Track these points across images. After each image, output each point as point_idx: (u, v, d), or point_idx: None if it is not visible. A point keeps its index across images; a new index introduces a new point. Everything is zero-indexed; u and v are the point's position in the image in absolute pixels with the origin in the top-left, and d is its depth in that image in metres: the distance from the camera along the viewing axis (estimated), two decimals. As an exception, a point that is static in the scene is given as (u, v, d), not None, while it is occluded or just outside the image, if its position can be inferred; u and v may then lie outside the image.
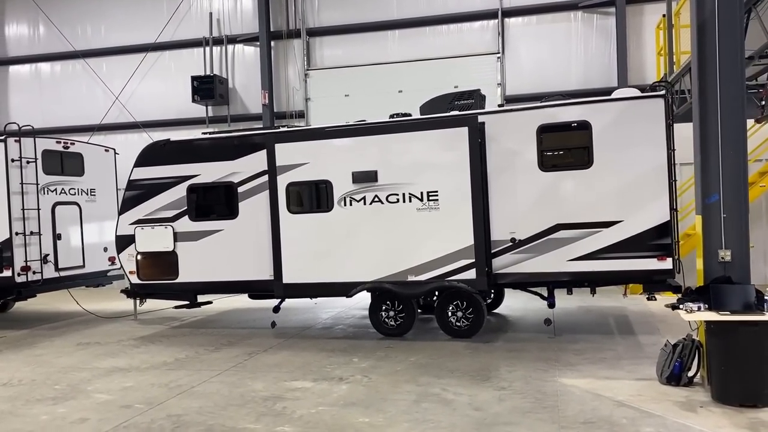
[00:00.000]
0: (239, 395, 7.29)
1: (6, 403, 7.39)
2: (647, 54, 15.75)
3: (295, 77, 18.02)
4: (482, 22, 16.86)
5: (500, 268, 9.57)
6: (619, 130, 9.04)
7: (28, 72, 20.38)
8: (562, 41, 16.38)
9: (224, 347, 9.97)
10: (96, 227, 13.65)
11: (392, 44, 17.41)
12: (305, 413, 6.58)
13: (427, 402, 6.78)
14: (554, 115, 9.37)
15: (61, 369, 8.95)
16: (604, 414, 6.16)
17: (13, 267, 11.90)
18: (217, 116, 18.57)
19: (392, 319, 10.13)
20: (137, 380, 8.15)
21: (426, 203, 9.50)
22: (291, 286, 10.21)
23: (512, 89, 16.47)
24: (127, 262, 11.49)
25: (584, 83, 16.02)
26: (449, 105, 10.43)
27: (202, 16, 18.65)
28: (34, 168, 12.25)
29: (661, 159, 8.89)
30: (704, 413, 6.08)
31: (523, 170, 9.44)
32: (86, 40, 19.64)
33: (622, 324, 10.53)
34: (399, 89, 16.48)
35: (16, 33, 20.41)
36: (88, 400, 7.38)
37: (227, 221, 10.87)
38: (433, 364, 8.36)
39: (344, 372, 8.14)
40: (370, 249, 9.77)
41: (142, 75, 19.01)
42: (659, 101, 8.91)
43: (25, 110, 19.96)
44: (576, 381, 7.31)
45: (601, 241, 9.14)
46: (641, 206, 8.97)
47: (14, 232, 11.90)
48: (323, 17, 17.90)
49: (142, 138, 17.79)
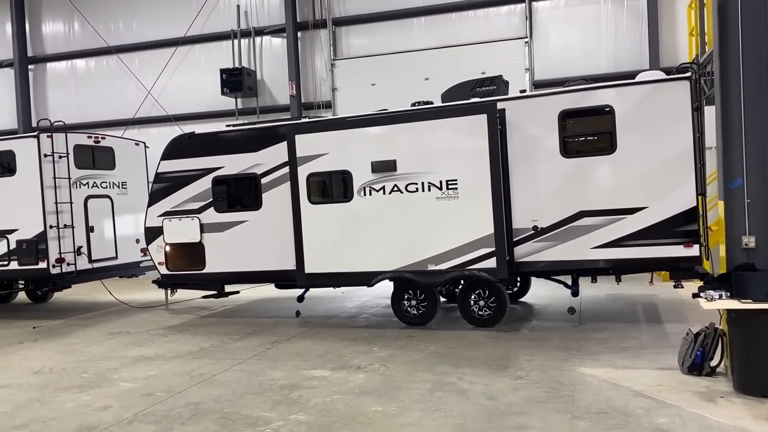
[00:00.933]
0: (258, 384, 7.40)
1: (36, 390, 7.66)
2: (680, 35, 15.27)
3: (322, 67, 18.06)
4: (509, 6, 16.60)
5: (522, 257, 9.46)
6: (643, 114, 8.81)
7: (64, 68, 20.90)
8: (592, 24, 16.02)
9: (249, 336, 10.12)
10: (128, 219, 13.97)
11: (418, 32, 17.29)
12: (320, 401, 6.64)
13: (442, 391, 6.77)
14: (576, 100, 9.19)
15: (90, 358, 9.22)
16: (619, 404, 6.06)
17: (48, 259, 12.28)
18: (246, 108, 18.76)
19: (414, 308, 10.13)
20: (161, 369, 8.34)
21: (445, 192, 9.44)
22: (313, 276, 10.29)
23: (540, 74, 16.20)
24: (156, 253, 11.75)
25: (615, 66, 15.66)
26: (471, 92, 10.32)
27: (230, 9, 18.81)
28: (67, 162, 12.59)
29: (687, 143, 8.65)
30: (724, 404, 5.93)
31: (545, 157, 9.29)
32: (119, 36, 20.05)
33: (649, 312, 10.32)
34: (425, 77, 16.38)
35: (53, 31, 20.94)
36: (113, 388, 7.59)
37: (251, 212, 11.01)
38: (452, 353, 8.34)
39: (363, 361, 8.18)
40: (390, 238, 9.77)
41: (173, 69, 19.30)
42: (685, 84, 8.66)
43: (63, 106, 20.54)
44: (595, 370, 7.20)
45: (625, 228, 8.96)
46: (666, 192, 8.75)
47: (48, 225, 12.28)
48: (349, 6, 17.87)
49: (174, 131, 18.10)
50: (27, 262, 12.45)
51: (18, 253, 12.50)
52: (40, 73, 21.15)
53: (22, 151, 12.51)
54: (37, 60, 21.09)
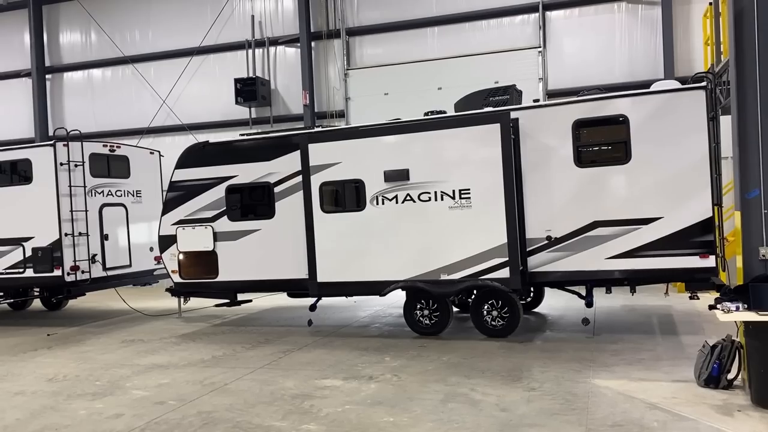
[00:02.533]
0: (269, 393, 7.39)
1: (49, 398, 7.69)
2: (695, 44, 15.19)
3: (336, 77, 18.14)
4: (523, 16, 16.60)
5: (536, 267, 9.40)
6: (658, 123, 8.76)
7: (81, 78, 21.15)
8: (606, 33, 15.97)
9: (261, 345, 10.12)
10: (142, 228, 14.05)
11: (431, 41, 17.33)
12: (331, 411, 6.61)
13: (454, 402, 6.71)
14: (590, 110, 9.15)
15: (103, 365, 9.26)
16: (634, 417, 5.98)
17: (62, 266, 12.38)
18: (260, 117, 18.87)
19: (427, 318, 10.08)
20: (174, 377, 8.35)
21: (458, 201, 9.41)
22: (325, 285, 10.28)
23: (554, 84, 16.16)
24: (170, 261, 11.80)
25: (629, 76, 15.58)
26: (484, 101, 10.31)
27: (245, 19, 18.97)
28: (82, 171, 12.70)
29: (702, 153, 8.57)
30: (741, 417, 5.83)
31: (559, 166, 9.25)
32: (135, 45, 20.27)
33: (665, 324, 10.20)
34: (438, 86, 16.40)
35: (70, 41, 21.22)
36: (126, 396, 7.60)
37: (264, 221, 11.03)
38: (465, 363, 8.28)
39: (375, 371, 8.14)
40: (403, 248, 9.75)
41: (188, 78, 19.46)
42: (700, 93, 8.60)
43: (79, 115, 20.77)
44: (609, 382, 7.12)
45: (640, 238, 8.88)
46: (682, 202, 8.67)
47: (63, 233, 12.38)
48: (362, 17, 17.96)
49: (188, 140, 18.16)
50: (42, 269, 12.56)
51: (33, 260, 12.61)
52: (57, 82, 21.41)
53: (38, 159, 12.65)
54: (54, 70, 21.36)
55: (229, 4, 18.94)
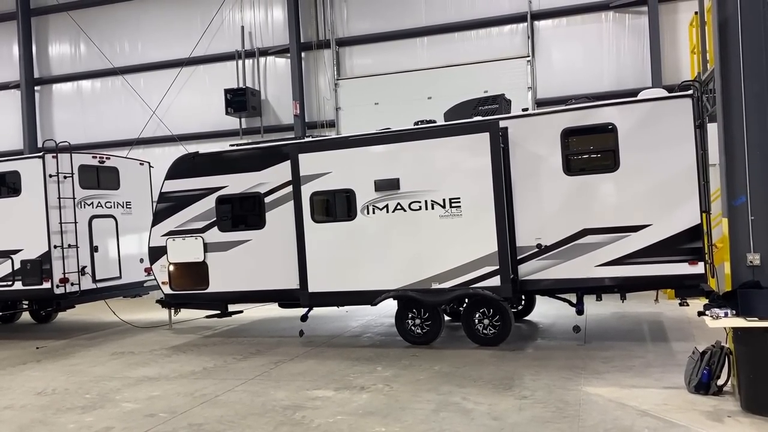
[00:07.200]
0: (261, 404, 7.35)
1: (38, 411, 7.62)
2: (682, 52, 15.38)
3: (326, 87, 18.19)
4: (511, 25, 16.76)
5: (526, 275, 9.43)
6: (645, 131, 8.83)
7: (70, 89, 21.13)
8: (594, 42, 16.13)
9: (252, 356, 10.07)
10: (132, 239, 13.98)
11: (421, 51, 17.43)
12: (323, 422, 6.58)
13: (446, 411, 6.71)
14: (579, 119, 9.21)
15: (93, 378, 9.18)
16: (625, 424, 5.99)
17: (52, 279, 12.28)
18: (250, 128, 18.89)
19: (418, 327, 10.07)
20: (164, 389, 8.30)
21: (449, 210, 9.43)
22: (317, 295, 10.27)
23: (543, 92, 16.29)
24: (160, 272, 11.75)
25: (617, 84, 15.74)
26: (473, 110, 10.36)
27: (234, 30, 19.02)
28: (71, 183, 12.64)
29: (690, 160, 8.65)
30: (731, 423, 5.86)
31: (548, 175, 9.30)
32: (124, 57, 20.27)
33: (655, 330, 10.24)
34: (428, 96, 16.49)
35: (59, 53, 21.20)
36: (116, 409, 7.54)
37: (255, 231, 11.01)
38: (457, 372, 8.28)
39: (366, 381, 8.12)
40: (394, 257, 9.76)
41: (178, 89, 19.47)
42: (686, 101, 8.67)
43: (68, 126, 20.73)
44: (601, 390, 7.14)
45: (629, 245, 8.92)
46: (670, 209, 8.73)
47: (53, 245, 12.29)
48: (352, 27, 18.05)
49: (179, 151, 18.15)
50: (31, 282, 12.45)
51: (22, 273, 12.51)
52: (46, 94, 21.35)
53: (27, 171, 12.57)
54: (43, 81, 21.32)
55: (219, 14, 18.98)
